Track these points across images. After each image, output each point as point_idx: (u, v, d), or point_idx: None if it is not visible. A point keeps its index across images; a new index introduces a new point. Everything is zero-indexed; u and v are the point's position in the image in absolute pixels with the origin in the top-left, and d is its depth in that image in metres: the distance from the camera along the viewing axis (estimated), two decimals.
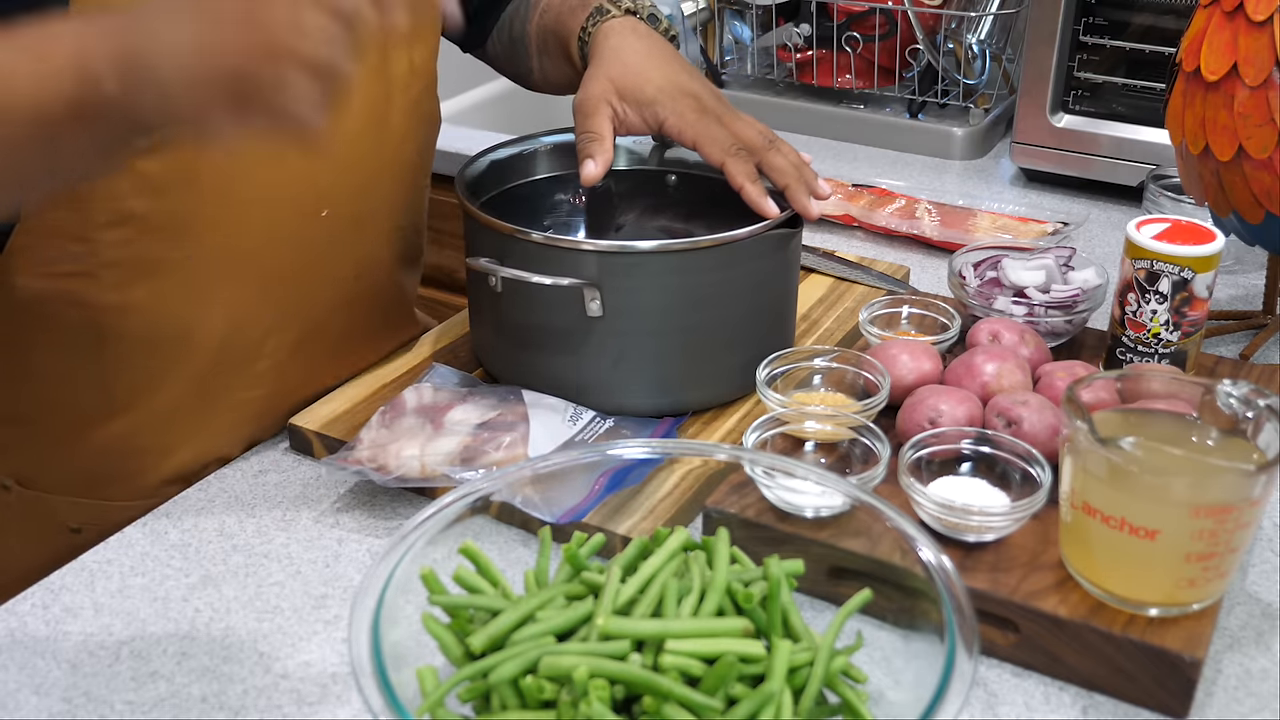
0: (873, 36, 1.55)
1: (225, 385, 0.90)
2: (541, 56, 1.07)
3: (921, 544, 0.64)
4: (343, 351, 0.98)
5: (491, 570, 0.66)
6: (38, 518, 0.93)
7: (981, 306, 0.97)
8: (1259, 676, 0.71)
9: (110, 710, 0.69)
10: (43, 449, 0.92)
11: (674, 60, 0.97)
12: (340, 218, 0.91)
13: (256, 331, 0.90)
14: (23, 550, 0.92)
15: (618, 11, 0.99)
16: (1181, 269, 0.88)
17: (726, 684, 0.57)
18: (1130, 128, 1.36)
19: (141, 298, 0.85)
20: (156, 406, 0.89)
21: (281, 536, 0.83)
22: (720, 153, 0.92)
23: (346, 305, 0.96)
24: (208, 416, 0.91)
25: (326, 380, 0.97)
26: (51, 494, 0.92)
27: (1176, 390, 0.74)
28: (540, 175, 1.04)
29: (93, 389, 0.88)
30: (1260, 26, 0.90)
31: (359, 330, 0.99)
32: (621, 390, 0.91)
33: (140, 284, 0.84)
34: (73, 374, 0.88)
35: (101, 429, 0.89)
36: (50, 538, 0.91)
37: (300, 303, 0.92)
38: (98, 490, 0.91)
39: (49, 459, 0.92)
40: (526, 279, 0.87)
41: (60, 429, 0.90)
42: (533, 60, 1.09)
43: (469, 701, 0.60)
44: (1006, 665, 0.72)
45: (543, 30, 1.06)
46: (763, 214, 0.90)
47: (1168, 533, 0.66)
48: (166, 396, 0.89)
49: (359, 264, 0.96)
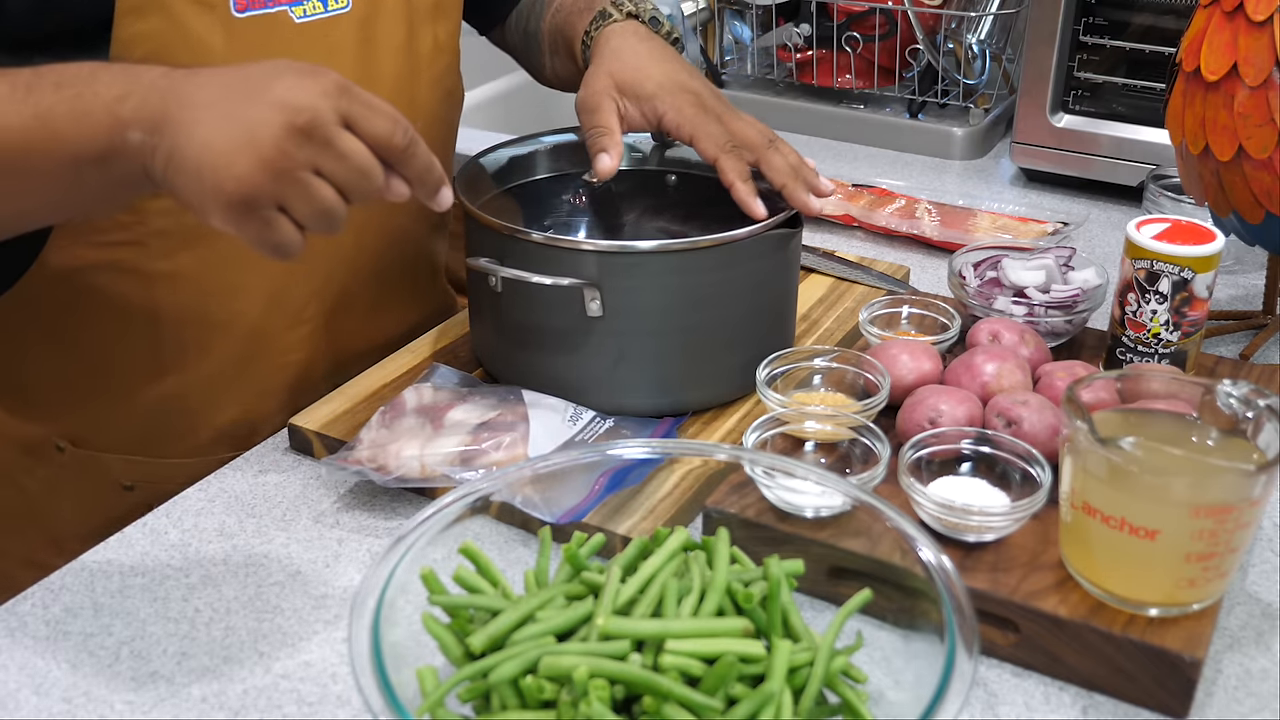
0: (873, 36, 1.55)
1: (268, 347, 0.95)
2: (553, 55, 1.10)
3: (921, 544, 0.64)
4: (377, 316, 1.03)
5: (491, 570, 0.66)
6: (91, 477, 0.96)
7: (981, 306, 0.97)
8: (1259, 676, 0.71)
9: (110, 710, 0.69)
10: (95, 410, 0.95)
11: (674, 60, 0.98)
12: None
13: (297, 296, 0.95)
14: (77, 510, 0.96)
15: (620, 16, 1.01)
16: (1181, 269, 0.88)
17: (726, 684, 0.57)
18: (1130, 128, 1.36)
19: (189, 265, 0.89)
20: (204, 368, 0.93)
21: (281, 536, 0.83)
22: (715, 149, 0.92)
23: (380, 271, 1.01)
24: (251, 377, 0.95)
25: (362, 344, 1.02)
26: (104, 453, 0.96)
27: (1176, 390, 0.74)
28: (540, 175, 1.04)
29: (142, 352, 0.92)
30: (1260, 26, 0.90)
31: (392, 295, 1.03)
32: (621, 390, 0.91)
33: (187, 252, 0.88)
34: (123, 338, 0.92)
35: (151, 390, 0.93)
36: (104, 496, 0.96)
37: (337, 268, 0.97)
38: (149, 448, 0.96)
39: (101, 419, 0.95)
40: (526, 279, 0.87)
41: (111, 391, 0.94)
42: (545, 57, 1.11)
43: (469, 701, 0.60)
44: (1006, 665, 0.72)
45: (554, 29, 1.08)
46: (749, 214, 0.90)
47: (1168, 533, 0.66)
48: (213, 359, 0.93)
49: (391, 232, 1.01)
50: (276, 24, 0.86)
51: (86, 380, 0.94)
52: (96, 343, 0.92)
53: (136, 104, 0.66)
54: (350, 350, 1.01)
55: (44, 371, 0.94)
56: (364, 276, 1.00)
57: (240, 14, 0.84)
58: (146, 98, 0.66)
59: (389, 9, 0.94)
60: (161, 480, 0.92)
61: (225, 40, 0.84)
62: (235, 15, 0.84)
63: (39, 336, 0.92)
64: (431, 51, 0.98)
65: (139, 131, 0.65)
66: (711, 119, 0.94)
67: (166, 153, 0.65)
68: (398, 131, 0.67)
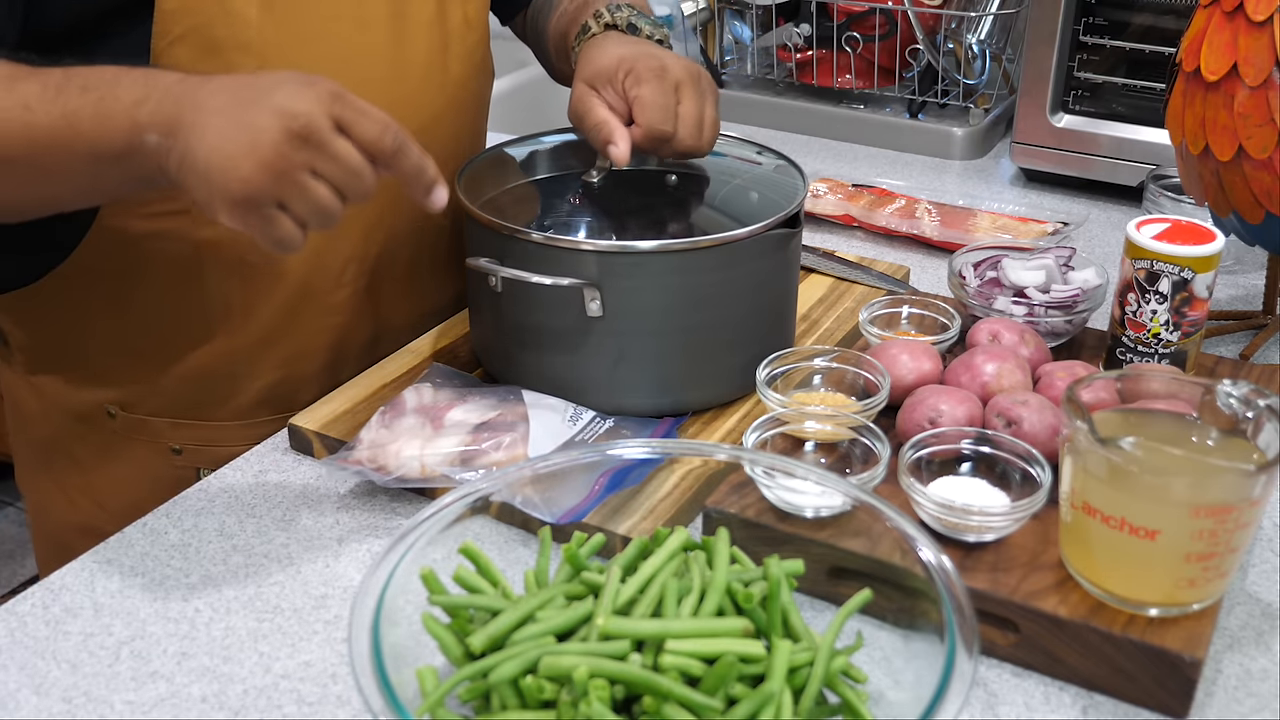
0: (873, 36, 1.55)
1: (309, 312, 0.97)
2: (557, 58, 1.12)
3: (921, 544, 0.64)
4: (417, 281, 1.05)
5: (491, 570, 0.66)
6: (141, 442, 1.00)
7: (981, 306, 0.97)
8: (1259, 676, 0.71)
9: (110, 710, 0.69)
10: (146, 375, 0.98)
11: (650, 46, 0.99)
12: None
13: (336, 261, 0.97)
14: (129, 474, 1.00)
15: (598, 28, 1.03)
16: (1181, 269, 0.88)
17: (726, 684, 0.57)
18: (1130, 128, 1.36)
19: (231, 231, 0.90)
20: (249, 331, 0.96)
21: (281, 536, 0.83)
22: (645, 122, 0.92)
23: (414, 240, 1.02)
24: (293, 342, 0.98)
25: (403, 311, 1.04)
26: (153, 417, 0.99)
27: (1176, 390, 0.74)
28: (540, 175, 1.04)
29: (191, 318, 0.95)
30: (1260, 26, 0.90)
31: (425, 265, 1.05)
32: (621, 390, 0.91)
33: None
34: (173, 305, 0.94)
35: (199, 354, 0.96)
36: (153, 460, 0.99)
37: (374, 236, 0.98)
38: (196, 411, 0.99)
39: (151, 384, 0.98)
40: (526, 279, 0.87)
41: (160, 356, 0.96)
42: (551, 57, 1.14)
43: (469, 701, 0.60)
44: (1006, 665, 0.72)
45: (557, 34, 1.11)
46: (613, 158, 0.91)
47: (1168, 533, 0.66)
48: (256, 323, 0.96)
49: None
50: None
51: (139, 346, 0.96)
52: (149, 309, 0.95)
53: (153, 108, 0.71)
54: (391, 318, 1.04)
55: (100, 339, 0.97)
56: (400, 243, 1.01)
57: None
58: (162, 103, 0.71)
59: None
60: (207, 443, 0.98)
61: (261, 12, 0.86)
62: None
63: (95, 306, 0.95)
64: (461, 26, 1.01)
65: (155, 134, 0.71)
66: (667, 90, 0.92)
67: (180, 155, 0.70)
68: (386, 135, 0.72)
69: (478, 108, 1.08)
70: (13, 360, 1.02)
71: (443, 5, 0.98)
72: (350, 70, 0.91)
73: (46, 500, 1.06)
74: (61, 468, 1.03)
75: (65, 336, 0.97)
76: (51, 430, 1.02)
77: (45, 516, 1.07)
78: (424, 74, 0.98)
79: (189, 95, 0.71)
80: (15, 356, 1.01)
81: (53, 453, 1.03)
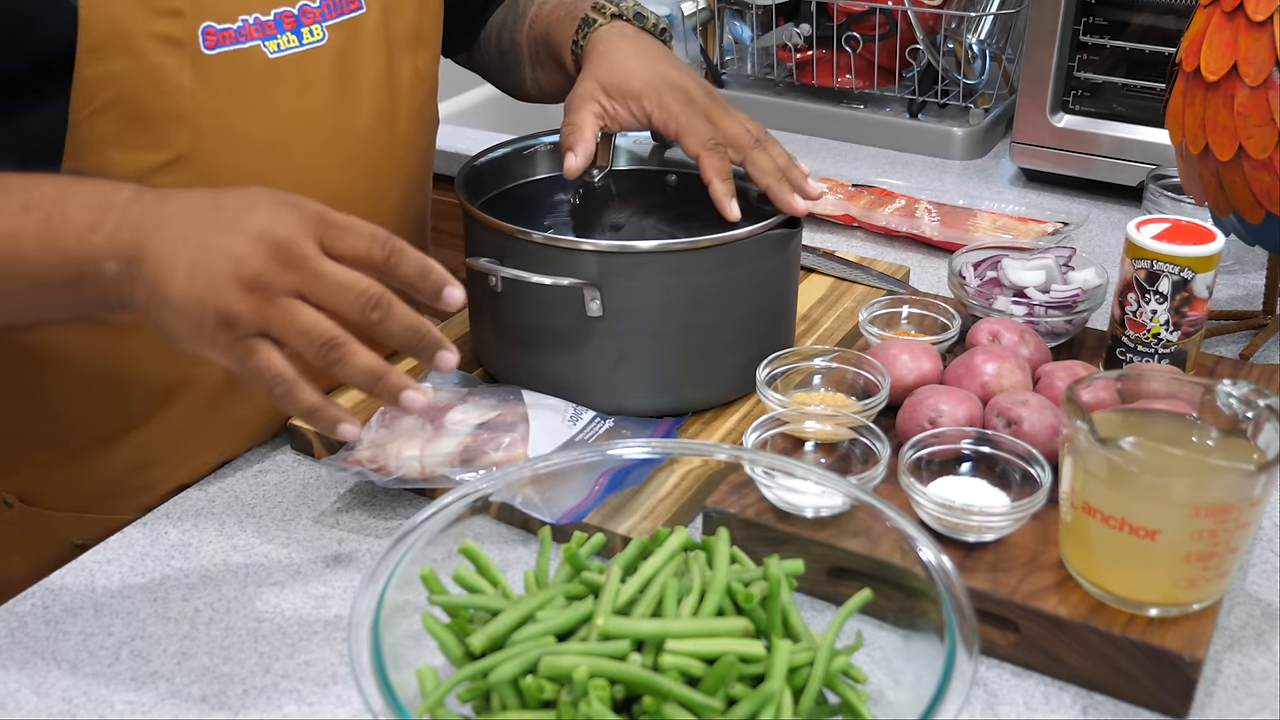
0: (873, 36, 1.55)
1: (236, 401, 0.90)
2: (534, 66, 1.08)
3: (921, 544, 0.64)
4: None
5: (491, 570, 0.66)
6: (40, 534, 0.93)
7: (981, 306, 0.97)
8: (1259, 676, 0.71)
9: (110, 710, 0.69)
10: (50, 467, 0.92)
11: (663, 56, 0.98)
12: None
13: None
14: (24, 564, 0.90)
15: (604, 19, 1.00)
16: (1181, 269, 0.88)
17: (726, 684, 0.57)
18: (1130, 128, 1.36)
19: None
20: (168, 425, 0.90)
21: (281, 536, 0.83)
22: (697, 145, 0.92)
23: None
24: (218, 428, 0.91)
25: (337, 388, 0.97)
26: (55, 510, 0.92)
27: (1176, 390, 0.74)
28: (540, 175, 1.04)
29: (106, 410, 0.89)
30: (1260, 26, 0.90)
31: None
32: (621, 390, 0.91)
33: None
34: (86, 395, 0.88)
35: (111, 448, 0.90)
36: (52, 552, 0.89)
37: None
38: (103, 505, 0.91)
39: (55, 477, 0.92)
40: (526, 279, 0.87)
41: (69, 449, 0.90)
42: (525, 70, 1.10)
43: (469, 701, 0.60)
44: (1006, 665, 0.72)
45: (534, 41, 1.07)
46: (723, 215, 0.90)
47: (1168, 533, 0.66)
48: (178, 415, 0.90)
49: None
50: (248, 60, 0.83)
51: (45, 435, 0.90)
52: (58, 400, 0.88)
53: (109, 233, 0.66)
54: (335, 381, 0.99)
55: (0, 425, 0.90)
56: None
57: (210, 51, 0.80)
58: (119, 227, 0.66)
59: (367, 41, 0.91)
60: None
61: (195, 79, 0.80)
62: (205, 53, 0.80)
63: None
64: (411, 81, 0.96)
65: (114, 262, 0.66)
66: (698, 115, 0.93)
67: (149, 287, 0.65)
68: (375, 246, 0.67)
69: (424, 164, 1.04)
70: None
71: (392, 60, 0.93)
72: (291, 137, 0.86)
73: None
74: None
75: None
76: None
77: None
78: (371, 136, 0.93)
79: (149, 217, 0.66)
80: None
81: None
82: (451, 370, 0.70)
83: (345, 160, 0.91)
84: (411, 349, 0.69)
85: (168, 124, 0.80)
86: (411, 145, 0.99)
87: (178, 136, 0.81)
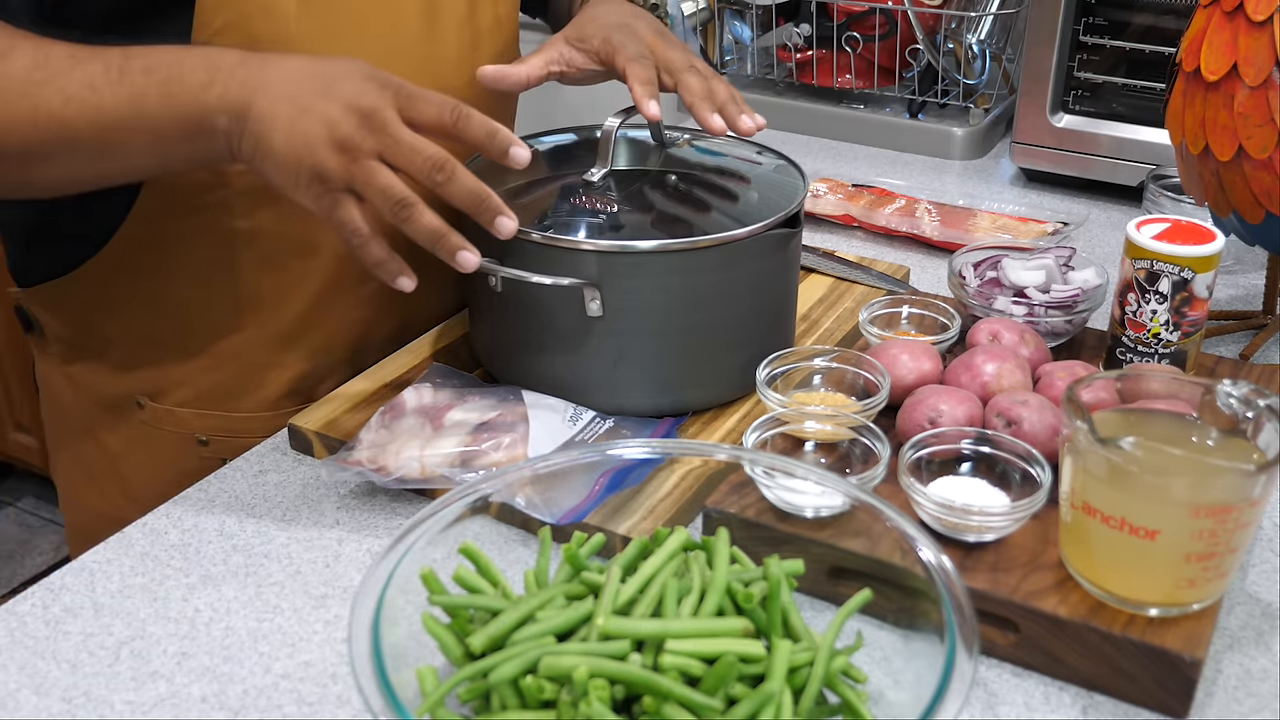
0: (873, 36, 1.55)
1: (337, 304, 0.99)
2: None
3: (921, 544, 0.64)
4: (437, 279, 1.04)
5: (491, 570, 0.66)
6: (168, 432, 1.00)
7: (981, 306, 0.97)
8: (1259, 676, 0.71)
9: (110, 710, 0.69)
10: (175, 365, 0.99)
11: (634, 13, 1.00)
12: None
13: None
14: (156, 465, 1.00)
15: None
16: (1181, 269, 0.88)
17: (726, 684, 0.57)
18: (1130, 128, 1.36)
19: (269, 221, 0.93)
20: (278, 323, 0.97)
21: (281, 536, 0.83)
22: (625, 60, 0.93)
23: None
24: (320, 334, 0.99)
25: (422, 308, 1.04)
26: (181, 408, 1.00)
27: (1176, 390, 0.74)
28: (540, 175, 1.04)
29: (221, 309, 0.96)
30: (1260, 26, 0.90)
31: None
32: (621, 390, 0.91)
33: (268, 208, 0.92)
34: (204, 296, 0.96)
35: (228, 344, 0.97)
36: (180, 451, 1.00)
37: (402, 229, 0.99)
38: (222, 403, 0.99)
39: (180, 375, 0.99)
40: (526, 279, 0.87)
41: (191, 346, 0.97)
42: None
43: (469, 701, 0.60)
44: (1006, 665, 0.72)
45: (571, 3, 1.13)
46: (641, 112, 0.91)
47: (1168, 533, 0.66)
48: (285, 314, 0.97)
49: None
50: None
51: (169, 337, 0.97)
52: (180, 300, 0.96)
53: (221, 91, 0.75)
54: (416, 311, 1.04)
55: (130, 330, 0.98)
56: None
57: None
58: (229, 86, 0.75)
59: None
60: (233, 434, 0.98)
61: (299, 6, 0.87)
62: None
63: (127, 296, 0.96)
64: (492, 26, 1.02)
65: (225, 117, 0.75)
66: (636, 41, 0.95)
67: (254, 138, 0.75)
68: (445, 110, 0.77)
69: (507, 107, 1.09)
70: (48, 351, 1.03)
71: (474, 5, 1.00)
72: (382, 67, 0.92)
73: (78, 490, 1.07)
74: (92, 458, 1.04)
75: (98, 327, 0.98)
76: (83, 420, 1.03)
77: (76, 506, 1.08)
78: (454, 72, 0.99)
79: (254, 78, 0.75)
80: (50, 347, 1.02)
81: (84, 443, 1.04)
82: (509, 235, 0.80)
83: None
84: (473, 210, 0.78)
85: (274, 48, 0.85)
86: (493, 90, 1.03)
87: None
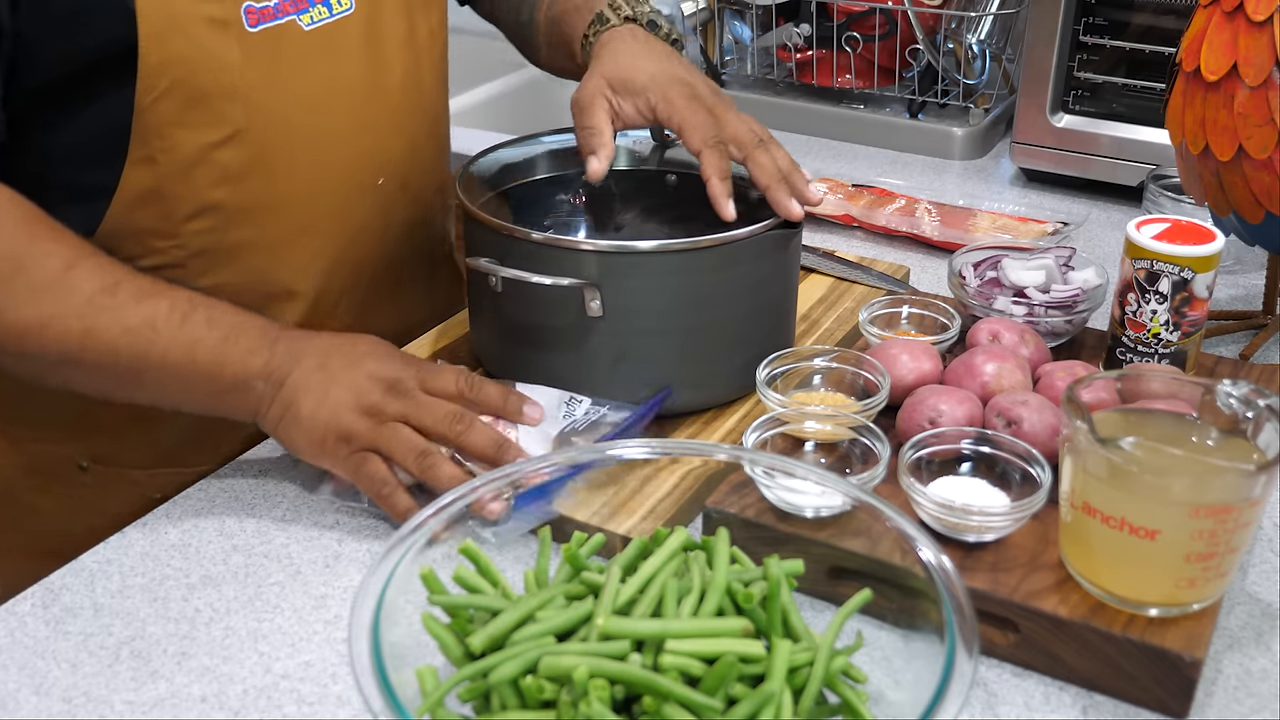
0: (873, 36, 1.55)
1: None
2: (550, 48, 1.11)
3: (921, 544, 0.64)
4: (402, 301, 1.07)
5: (491, 570, 0.66)
6: (117, 492, 0.97)
7: (981, 306, 0.97)
8: (1259, 676, 0.71)
9: (110, 710, 0.69)
10: (124, 429, 0.96)
11: (670, 56, 0.98)
12: (391, 182, 1.00)
13: (332, 294, 0.99)
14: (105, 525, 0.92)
15: (617, 20, 1.01)
16: (1181, 269, 0.88)
17: (726, 684, 0.57)
18: (1130, 128, 1.36)
19: (227, 278, 0.92)
20: None
21: (281, 536, 0.83)
22: (700, 141, 0.92)
23: (405, 259, 1.05)
24: None
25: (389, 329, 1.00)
26: (131, 469, 0.98)
27: (1176, 390, 0.74)
28: (540, 175, 1.04)
29: None
30: (1260, 26, 0.90)
31: (414, 279, 1.08)
32: (621, 390, 0.91)
33: (225, 267, 0.92)
34: None
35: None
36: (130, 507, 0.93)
37: (366, 263, 1.01)
38: (177, 460, 0.97)
39: (129, 438, 0.96)
40: (526, 279, 0.87)
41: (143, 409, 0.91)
42: (541, 48, 1.13)
43: (469, 701, 0.60)
44: (1006, 665, 0.72)
45: (550, 23, 1.09)
46: (719, 213, 0.90)
47: (1168, 533, 0.66)
48: None
49: (411, 221, 1.05)
50: (287, 34, 0.89)
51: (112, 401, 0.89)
52: None
53: (266, 360, 0.82)
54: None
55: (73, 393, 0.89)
56: (391, 264, 1.03)
57: (253, 29, 0.87)
58: (274, 353, 0.82)
59: (389, 5, 0.97)
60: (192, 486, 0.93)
61: (242, 56, 0.86)
62: (249, 30, 0.86)
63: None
64: (428, 40, 1.01)
65: (263, 382, 0.82)
66: (702, 110, 0.93)
67: (283, 405, 0.81)
68: (459, 380, 0.84)
69: (443, 116, 1.10)
70: None
71: (412, 21, 0.99)
72: (332, 103, 0.93)
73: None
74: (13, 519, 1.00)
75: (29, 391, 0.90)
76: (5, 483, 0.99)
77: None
78: (402, 97, 0.99)
79: (294, 351, 0.82)
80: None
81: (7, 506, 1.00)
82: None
83: (380, 123, 0.97)
84: (492, 455, 0.82)
85: (223, 101, 0.86)
86: (435, 99, 1.05)
87: (232, 112, 0.87)
